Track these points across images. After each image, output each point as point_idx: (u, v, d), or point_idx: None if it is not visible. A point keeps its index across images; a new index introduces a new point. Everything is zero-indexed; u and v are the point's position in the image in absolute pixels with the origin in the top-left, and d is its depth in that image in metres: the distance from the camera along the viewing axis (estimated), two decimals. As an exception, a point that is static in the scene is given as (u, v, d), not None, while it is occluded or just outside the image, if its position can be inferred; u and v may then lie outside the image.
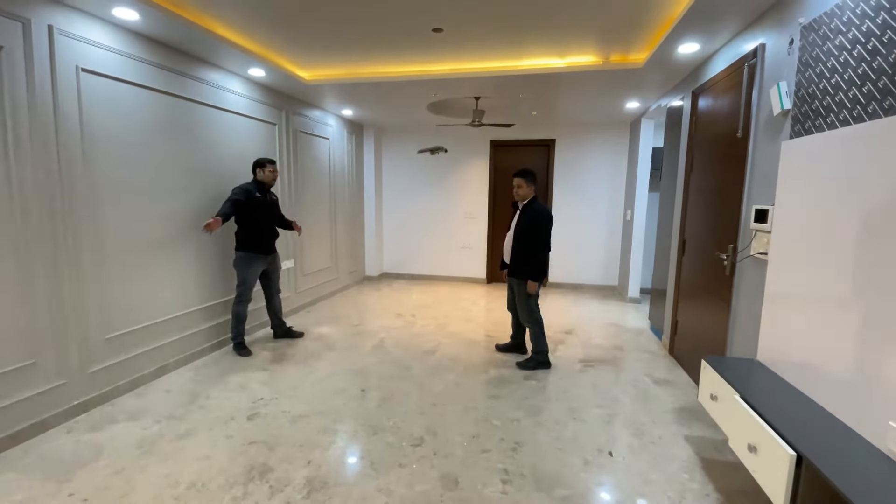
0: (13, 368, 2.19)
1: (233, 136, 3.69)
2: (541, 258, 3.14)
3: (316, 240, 5.09)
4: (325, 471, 2.04)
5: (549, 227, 3.17)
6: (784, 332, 1.95)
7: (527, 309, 3.27)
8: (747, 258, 2.42)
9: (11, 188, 2.15)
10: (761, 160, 2.33)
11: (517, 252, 3.22)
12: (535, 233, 3.13)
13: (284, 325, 3.86)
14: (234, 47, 3.11)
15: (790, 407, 1.70)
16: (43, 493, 1.86)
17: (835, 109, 1.74)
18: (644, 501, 1.87)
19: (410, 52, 3.39)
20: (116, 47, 2.64)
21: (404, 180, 6.63)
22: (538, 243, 3.13)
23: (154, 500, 1.83)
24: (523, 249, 3.18)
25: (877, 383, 1.42)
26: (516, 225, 3.26)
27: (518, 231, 3.22)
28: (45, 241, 2.31)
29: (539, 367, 3.29)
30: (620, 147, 5.92)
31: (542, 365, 3.29)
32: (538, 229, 3.13)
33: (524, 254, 3.18)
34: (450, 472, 2.04)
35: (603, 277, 6.19)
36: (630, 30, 2.91)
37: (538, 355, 3.30)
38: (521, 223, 3.21)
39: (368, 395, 2.82)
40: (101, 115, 2.57)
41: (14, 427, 2.20)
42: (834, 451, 1.41)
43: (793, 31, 2.07)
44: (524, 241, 3.17)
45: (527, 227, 3.17)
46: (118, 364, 2.73)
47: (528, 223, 3.17)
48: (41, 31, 2.25)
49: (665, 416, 2.61)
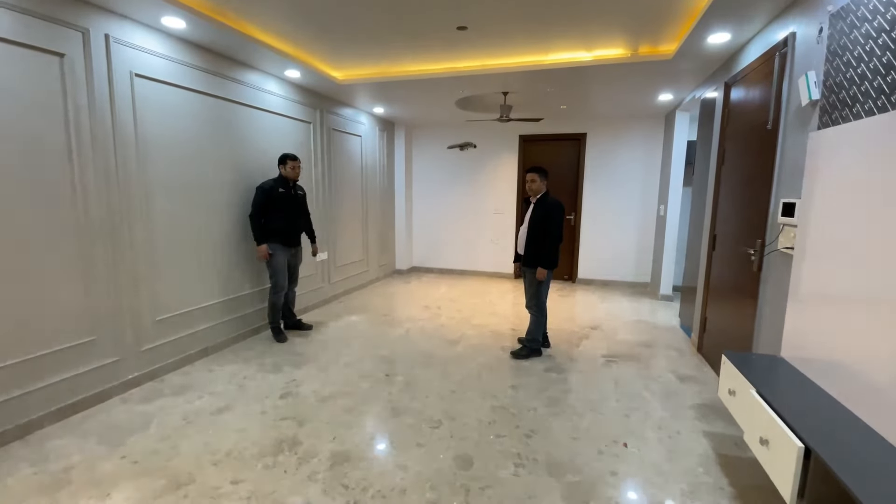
0: (76, 344, 2.46)
1: (271, 135, 3.90)
2: (553, 246, 3.24)
3: (348, 233, 5.29)
4: (348, 446, 2.18)
5: (562, 218, 3.29)
6: (808, 329, 1.91)
7: (535, 295, 3.35)
8: (774, 253, 2.36)
9: (75, 184, 2.40)
10: (790, 152, 2.27)
11: (530, 243, 3.31)
12: (549, 223, 3.23)
13: (294, 316, 3.93)
14: (272, 50, 3.30)
15: (807, 402, 1.68)
16: (98, 456, 2.09)
17: (860, 100, 1.69)
18: (655, 491, 1.89)
19: (437, 50, 3.48)
20: (165, 53, 2.87)
21: (434, 176, 6.74)
22: (553, 233, 3.23)
23: (196, 464, 2.02)
24: (536, 240, 3.28)
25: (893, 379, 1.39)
26: (530, 218, 3.35)
27: (532, 223, 3.31)
28: (104, 232, 2.56)
29: (531, 354, 3.40)
30: (655, 140, 5.78)
31: (534, 353, 3.41)
32: (552, 220, 3.23)
33: (536, 244, 3.27)
34: (465, 454, 2.13)
35: (634, 274, 6.08)
36: (658, 21, 2.88)
37: (531, 343, 3.40)
38: (534, 216, 3.31)
39: (392, 380, 2.95)
40: (153, 117, 2.81)
41: (75, 397, 2.47)
42: (846, 447, 1.40)
43: (822, 19, 2.01)
44: (537, 233, 3.26)
45: (540, 218, 3.26)
46: (167, 344, 2.99)
47: (541, 215, 3.26)
48: (99, 39, 2.49)
49: (686, 411, 2.59)
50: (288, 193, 3.57)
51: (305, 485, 1.90)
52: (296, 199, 3.68)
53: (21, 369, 2.22)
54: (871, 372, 1.49)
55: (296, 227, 3.68)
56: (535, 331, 3.39)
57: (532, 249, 3.30)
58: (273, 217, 3.49)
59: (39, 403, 2.31)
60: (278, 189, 3.51)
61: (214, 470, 1.99)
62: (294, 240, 3.67)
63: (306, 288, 4.52)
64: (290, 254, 3.66)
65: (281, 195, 3.52)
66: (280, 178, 3.56)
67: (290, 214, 3.60)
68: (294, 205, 3.65)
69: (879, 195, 1.49)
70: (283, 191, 3.54)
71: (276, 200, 3.49)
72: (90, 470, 1.99)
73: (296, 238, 3.69)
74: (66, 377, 2.42)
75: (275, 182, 3.52)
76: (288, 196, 3.57)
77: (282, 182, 3.55)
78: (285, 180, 3.57)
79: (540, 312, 3.38)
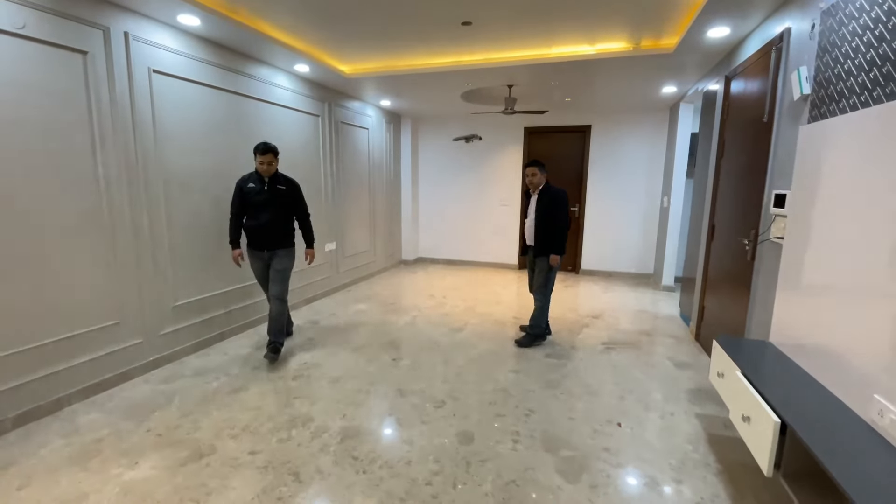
0: (101, 327, 2.61)
1: (280, 128, 4.02)
2: (562, 233, 3.35)
3: (356, 224, 5.41)
4: (357, 423, 2.32)
5: (567, 204, 3.40)
6: (794, 315, 2.01)
7: (544, 283, 3.45)
8: (766, 242, 2.44)
9: (98, 175, 2.54)
10: (783, 145, 2.34)
11: (540, 233, 3.41)
12: (556, 211, 3.35)
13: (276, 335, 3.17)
14: (282, 45, 3.40)
15: (788, 382, 1.78)
16: (124, 429, 2.25)
17: (847, 95, 1.76)
18: (645, 466, 2.01)
19: (442, 44, 3.56)
20: (181, 49, 2.98)
21: (440, 168, 6.83)
22: (562, 219, 3.34)
23: (215, 437, 2.17)
24: (545, 229, 3.37)
25: (865, 359, 1.49)
26: (536, 209, 3.44)
27: (539, 214, 3.41)
28: (125, 221, 2.70)
29: (535, 340, 3.51)
30: (659, 132, 5.82)
31: (538, 339, 3.52)
32: (559, 207, 3.36)
33: (546, 233, 3.37)
34: (466, 430, 2.26)
35: (638, 265, 6.16)
36: (659, 14, 2.94)
37: (535, 329, 3.50)
38: (540, 206, 3.41)
39: (398, 364, 3.08)
40: (169, 110, 2.94)
41: (101, 376, 2.63)
42: (819, 421, 1.51)
43: (814, 16, 2.07)
44: (546, 222, 3.37)
45: (547, 208, 3.37)
46: (185, 328, 3.14)
47: (547, 204, 3.37)
48: (119, 37, 2.61)
49: (680, 395, 2.70)
50: (259, 189, 3.07)
51: (317, 456, 2.04)
52: (271, 197, 3.10)
53: (51, 350, 2.38)
54: (850, 355, 1.59)
55: (270, 228, 3.10)
56: (538, 317, 3.49)
57: (542, 238, 3.40)
58: (246, 216, 3.13)
59: (69, 382, 2.47)
60: (248, 184, 3.09)
61: (233, 442, 2.14)
62: (265, 243, 3.11)
63: (315, 277, 4.66)
64: (263, 259, 3.17)
65: (249, 191, 3.07)
66: (255, 172, 3.12)
67: (260, 214, 3.08)
68: (266, 202, 3.08)
69: (862, 189, 1.57)
70: (254, 186, 3.07)
71: (246, 197, 3.08)
72: (118, 441, 2.14)
73: (268, 240, 3.11)
74: (92, 358, 2.58)
75: (249, 175, 3.13)
76: (259, 192, 3.07)
77: (255, 176, 3.11)
78: (258, 174, 3.10)
79: (546, 299, 3.49)
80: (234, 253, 3.14)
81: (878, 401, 1.42)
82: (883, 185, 1.46)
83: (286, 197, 3.18)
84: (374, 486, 1.85)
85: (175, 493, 1.79)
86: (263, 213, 3.09)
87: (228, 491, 1.81)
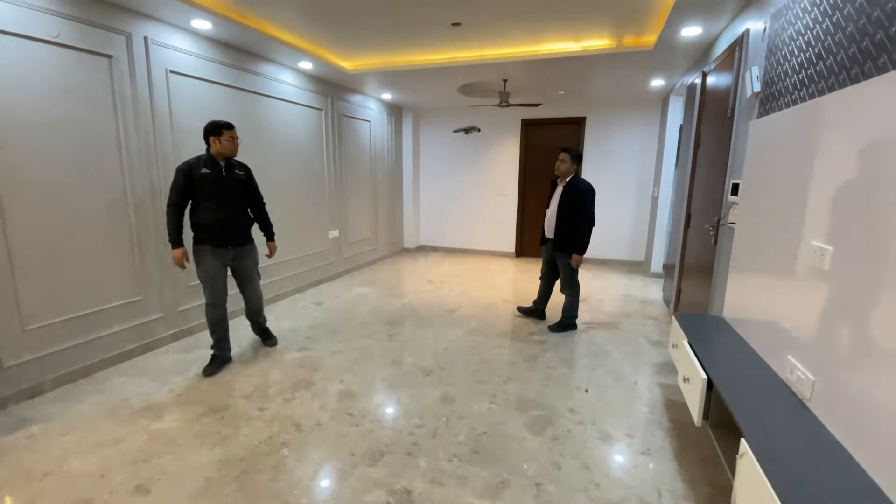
0: (128, 301, 2.93)
1: (286, 121, 4.29)
2: (588, 232, 3.34)
3: (359, 213, 5.70)
4: (353, 386, 2.62)
5: (594, 202, 3.36)
6: (740, 291, 2.25)
7: (570, 278, 3.52)
8: (724, 228, 2.67)
9: (123, 166, 2.84)
10: (740, 138, 2.55)
11: (561, 227, 3.39)
12: (583, 207, 3.31)
13: (260, 323, 3.27)
14: (286, 45, 3.66)
15: (726, 348, 2.03)
16: (149, 390, 2.57)
17: (783, 94, 1.98)
18: (603, 424, 2.28)
19: (437, 42, 3.79)
20: (194, 51, 3.26)
21: (440, 159, 7.07)
22: (590, 217, 3.32)
23: (229, 397, 2.49)
24: (568, 224, 3.35)
25: (784, 326, 1.74)
26: (560, 201, 3.41)
27: (562, 207, 3.38)
28: (146, 209, 3.00)
29: (568, 328, 3.62)
30: (652, 124, 6.00)
31: (570, 327, 3.63)
32: (587, 203, 3.31)
33: (569, 229, 3.35)
34: (449, 394, 2.55)
35: (630, 253, 6.38)
36: (636, 14, 3.14)
37: (569, 319, 3.60)
38: (564, 199, 3.38)
39: (394, 339, 3.38)
40: (184, 108, 3.22)
41: (127, 346, 2.95)
42: (740, 378, 1.76)
43: (766, 19, 2.28)
44: (568, 216, 3.36)
45: (571, 202, 3.34)
46: (199, 307, 3.45)
47: (572, 198, 3.34)
48: (139, 41, 2.89)
49: (647, 368, 2.95)
50: (217, 175, 2.68)
51: (317, 412, 2.34)
52: (230, 183, 2.74)
53: (84, 321, 2.70)
54: (774, 324, 1.83)
55: (232, 220, 2.77)
56: (570, 308, 3.58)
57: (565, 233, 3.35)
58: (197, 208, 2.67)
59: (99, 350, 2.79)
60: (201, 169, 2.63)
61: (244, 401, 2.44)
62: (229, 238, 2.77)
63: (318, 263, 4.96)
64: (225, 258, 2.80)
65: (204, 177, 2.63)
66: (207, 156, 2.69)
67: (220, 204, 2.69)
68: (227, 191, 2.72)
69: (788, 178, 1.80)
70: (208, 171, 2.65)
71: (199, 185, 2.63)
72: (144, 399, 2.46)
73: (233, 236, 2.79)
74: (119, 329, 2.90)
75: (197, 160, 2.66)
76: (217, 179, 2.68)
77: (208, 161, 2.68)
78: (213, 158, 2.69)
79: (576, 294, 3.55)
80: (176, 253, 2.64)
81: (789, 360, 1.67)
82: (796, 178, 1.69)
83: (245, 184, 2.87)
84: (364, 436, 2.14)
85: (195, 439, 2.10)
86: (225, 203, 2.71)
87: (240, 437, 2.12)
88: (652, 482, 1.86)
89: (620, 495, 1.78)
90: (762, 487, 1.16)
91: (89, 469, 1.90)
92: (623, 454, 2.05)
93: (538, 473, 1.90)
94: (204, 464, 1.93)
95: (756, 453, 1.27)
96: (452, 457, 2.00)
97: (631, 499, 1.77)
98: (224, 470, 1.89)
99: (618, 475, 1.91)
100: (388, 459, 1.97)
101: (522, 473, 1.90)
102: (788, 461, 1.25)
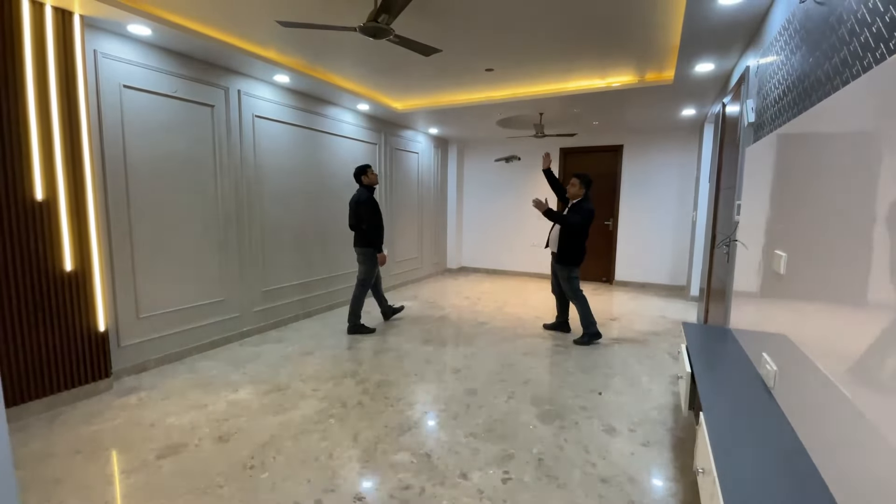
0: (213, 301, 3.57)
1: (346, 155, 4.96)
2: (572, 236, 3.74)
3: (406, 235, 6.25)
4: (391, 378, 3.04)
5: (587, 220, 3.74)
6: (739, 300, 2.45)
7: (570, 289, 3.85)
8: (734, 245, 2.87)
9: (217, 191, 3.53)
10: (745, 163, 2.79)
11: (562, 241, 3.81)
12: (573, 216, 3.72)
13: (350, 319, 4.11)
14: (347, 91, 4.33)
15: (720, 351, 2.25)
16: (228, 372, 3.13)
17: (765, 126, 2.25)
18: (611, 420, 2.52)
19: (475, 84, 4.31)
20: (274, 99, 3.99)
21: (482, 186, 7.54)
22: (573, 222, 3.71)
23: (290, 379, 2.99)
24: (566, 240, 3.78)
25: (763, 329, 1.97)
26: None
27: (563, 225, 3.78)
28: (232, 225, 3.68)
29: (592, 339, 3.81)
30: (690, 150, 6.14)
31: (594, 336, 3.81)
32: (576, 213, 3.73)
33: (567, 243, 3.78)
34: (472, 388, 2.89)
35: (670, 278, 6.41)
36: (654, 52, 3.46)
37: (588, 329, 3.82)
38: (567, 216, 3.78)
39: (428, 343, 3.78)
40: (266, 145, 3.93)
41: (211, 338, 3.58)
42: (720, 373, 1.99)
43: (758, 56, 2.56)
44: (567, 234, 3.77)
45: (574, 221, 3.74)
46: (270, 309, 4.07)
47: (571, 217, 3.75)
48: (234, 94, 3.63)
49: (665, 378, 3.13)
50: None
51: (359, 394, 2.77)
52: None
53: (178, 315, 3.35)
54: (758, 327, 2.05)
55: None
56: (584, 317, 3.80)
57: (563, 248, 3.78)
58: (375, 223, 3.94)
59: (189, 340, 3.43)
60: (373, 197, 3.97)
61: (302, 383, 2.93)
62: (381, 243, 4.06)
63: (369, 278, 5.52)
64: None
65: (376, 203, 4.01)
66: (365, 188, 3.95)
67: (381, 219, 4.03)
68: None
69: (762, 195, 2.06)
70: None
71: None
72: (224, 378, 3.02)
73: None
74: (205, 324, 3.53)
75: (370, 192, 3.96)
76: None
77: (370, 191, 3.98)
78: (370, 188, 3.99)
79: (581, 301, 3.81)
80: (384, 256, 4.03)
81: (764, 357, 1.89)
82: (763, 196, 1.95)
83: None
84: (397, 414, 2.54)
85: (262, 408, 2.60)
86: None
87: (298, 409, 2.59)
88: (645, 466, 2.09)
89: (613, 473, 2.04)
90: (704, 443, 1.43)
91: (183, 423, 2.44)
92: (623, 443, 2.29)
93: (541, 452, 2.19)
94: (270, 425, 2.41)
95: (707, 420, 1.53)
96: (469, 434, 2.34)
97: (621, 476, 2.01)
98: (284, 429, 2.36)
99: (614, 458, 2.15)
100: (415, 432, 2.35)
101: (528, 450, 2.20)
102: (735, 426, 1.50)
